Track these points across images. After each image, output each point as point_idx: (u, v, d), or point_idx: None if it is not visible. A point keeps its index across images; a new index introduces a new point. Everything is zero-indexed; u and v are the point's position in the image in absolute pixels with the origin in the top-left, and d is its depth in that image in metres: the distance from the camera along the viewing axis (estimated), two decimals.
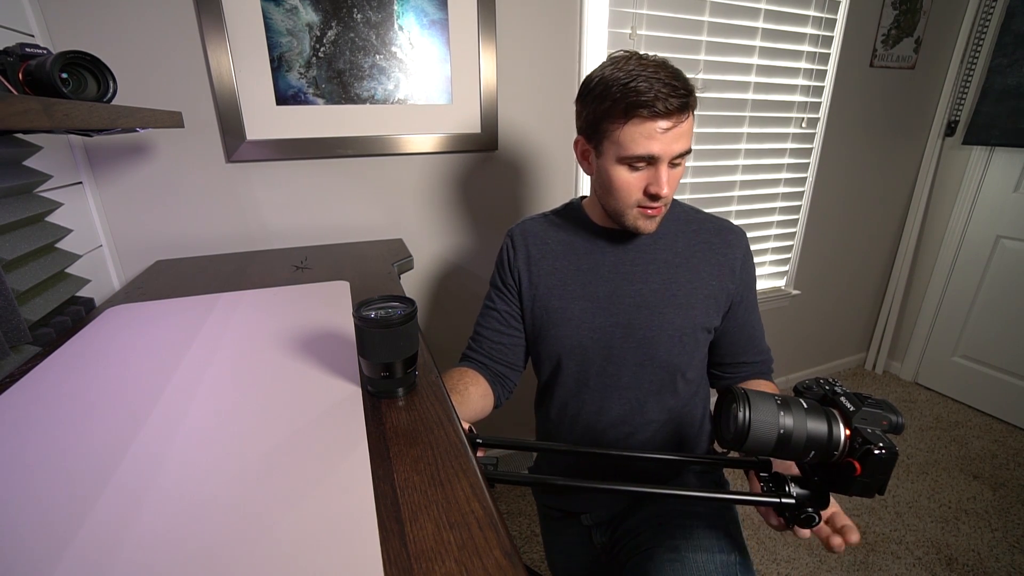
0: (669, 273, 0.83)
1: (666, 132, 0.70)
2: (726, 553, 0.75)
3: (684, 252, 0.84)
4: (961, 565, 1.42)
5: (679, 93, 0.68)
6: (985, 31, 1.92)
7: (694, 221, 0.87)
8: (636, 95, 0.68)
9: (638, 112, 0.69)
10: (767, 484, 0.57)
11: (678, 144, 0.71)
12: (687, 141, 0.72)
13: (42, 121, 0.52)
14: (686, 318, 0.82)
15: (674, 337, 0.82)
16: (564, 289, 0.84)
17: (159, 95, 1.05)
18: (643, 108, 0.68)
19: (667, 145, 0.71)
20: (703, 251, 0.84)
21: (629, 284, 0.83)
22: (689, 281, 0.83)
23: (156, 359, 0.64)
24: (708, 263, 0.84)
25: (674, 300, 0.82)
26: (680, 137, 0.71)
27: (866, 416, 0.50)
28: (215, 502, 0.40)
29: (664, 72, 0.69)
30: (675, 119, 0.70)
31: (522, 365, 0.92)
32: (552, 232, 0.88)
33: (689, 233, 0.85)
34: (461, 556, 0.35)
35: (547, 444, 0.81)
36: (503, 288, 0.89)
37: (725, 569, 0.73)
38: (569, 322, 0.83)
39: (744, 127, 1.69)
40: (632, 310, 0.82)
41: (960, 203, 2.09)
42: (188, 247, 1.17)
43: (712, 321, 0.84)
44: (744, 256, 0.86)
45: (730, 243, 0.85)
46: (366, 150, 1.24)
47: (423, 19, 1.20)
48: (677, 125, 0.70)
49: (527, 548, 1.48)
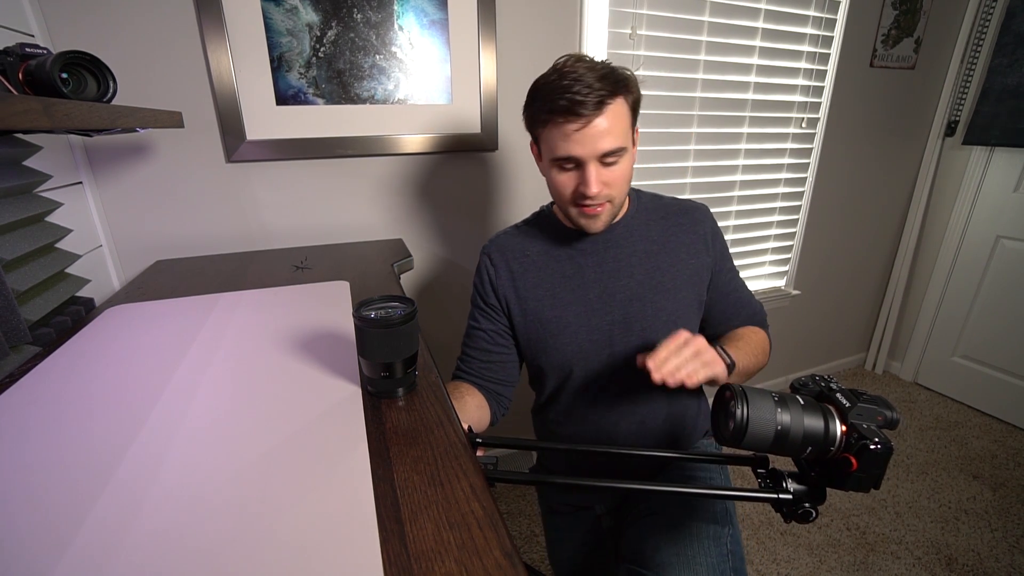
0: (651, 261, 0.84)
1: (580, 132, 0.70)
2: (719, 524, 0.78)
3: (660, 239, 0.86)
4: (961, 565, 1.42)
5: (587, 94, 0.68)
6: (985, 31, 1.92)
7: (660, 207, 0.89)
8: (551, 99, 0.70)
9: (552, 117, 0.71)
10: (764, 480, 0.57)
11: (601, 143, 0.71)
12: (614, 139, 0.71)
13: (42, 121, 0.52)
14: (677, 301, 0.84)
15: (670, 322, 0.83)
16: (555, 298, 0.85)
17: (159, 95, 1.05)
18: (555, 113, 0.70)
19: (586, 145, 0.71)
20: (676, 233, 0.86)
21: (616, 280, 0.84)
22: (672, 265, 0.85)
23: (156, 359, 0.64)
24: (683, 243, 0.86)
25: (662, 287, 0.84)
26: (601, 136, 0.70)
27: (862, 412, 0.51)
28: (215, 502, 0.40)
29: (582, 70, 0.69)
30: (585, 120, 0.69)
31: (515, 381, 0.92)
32: (528, 243, 0.88)
33: (659, 219, 0.87)
34: (461, 556, 0.35)
35: (547, 444, 0.81)
36: (487, 307, 0.88)
37: (716, 538, 0.76)
38: (567, 329, 0.84)
39: (744, 127, 1.69)
40: (625, 304, 0.83)
41: (960, 203, 2.09)
42: (188, 247, 1.17)
43: (701, 297, 0.87)
44: (712, 228, 0.89)
45: (697, 220, 0.88)
46: (366, 150, 1.24)
47: (423, 19, 1.20)
48: (588, 126, 0.69)
49: (527, 548, 1.48)
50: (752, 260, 1.93)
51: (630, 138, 0.75)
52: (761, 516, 1.59)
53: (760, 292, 1.98)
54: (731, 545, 0.76)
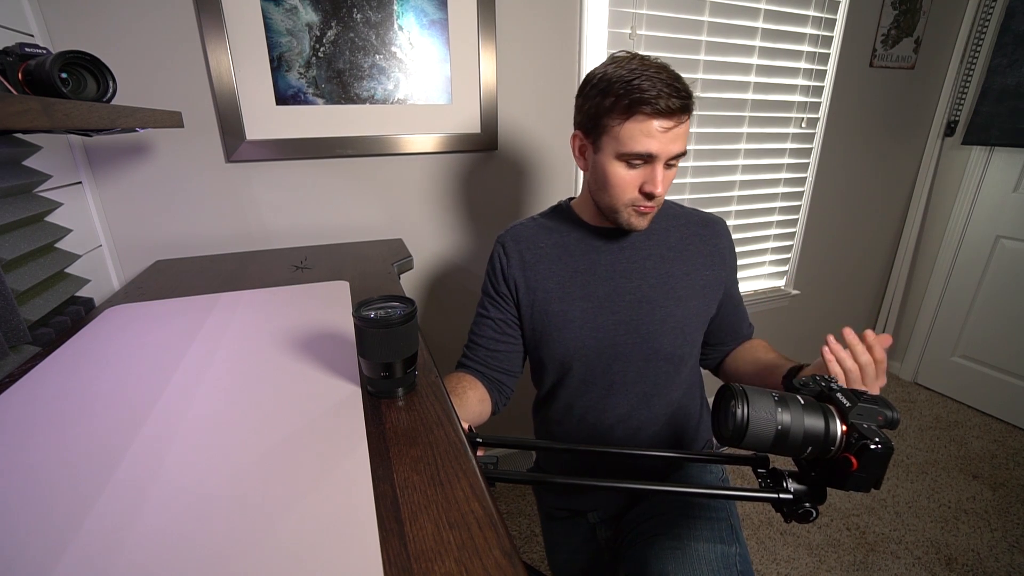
0: (665, 267, 0.84)
1: (666, 132, 0.71)
2: (726, 544, 0.77)
3: (677, 246, 0.86)
4: (961, 565, 1.42)
5: (680, 94, 0.70)
6: (985, 31, 1.92)
7: (680, 215, 0.89)
8: (640, 92, 0.69)
9: (640, 109, 0.69)
10: (765, 480, 0.57)
11: (675, 145, 0.72)
12: (683, 143, 0.74)
13: (42, 121, 0.52)
14: (686, 309, 0.84)
15: (676, 329, 0.83)
16: (563, 292, 0.84)
17: (159, 95, 1.05)
18: (645, 105, 0.69)
19: (665, 145, 0.72)
20: (694, 243, 0.87)
21: (627, 281, 0.83)
22: (685, 273, 0.85)
23: (156, 359, 0.64)
24: (700, 254, 0.86)
25: (673, 293, 0.84)
26: (678, 138, 0.72)
27: (862, 412, 0.51)
28: (215, 502, 0.40)
29: (666, 73, 0.71)
30: (675, 119, 0.71)
31: (519, 371, 0.92)
32: (544, 235, 0.88)
33: (679, 227, 0.88)
34: (461, 556, 0.35)
35: (547, 443, 0.81)
36: (497, 296, 0.89)
37: (725, 559, 0.74)
38: (571, 324, 0.83)
39: (744, 127, 1.69)
40: (633, 306, 0.83)
41: (960, 203, 2.09)
42: (188, 247, 1.17)
43: (710, 310, 0.87)
44: (729, 244, 0.90)
45: (717, 233, 0.89)
46: (366, 150, 1.24)
47: (423, 19, 1.20)
48: (677, 126, 0.71)
49: (527, 548, 1.48)
50: (752, 260, 1.93)
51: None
52: (761, 516, 1.59)
53: (760, 292, 1.98)
54: (741, 565, 0.75)
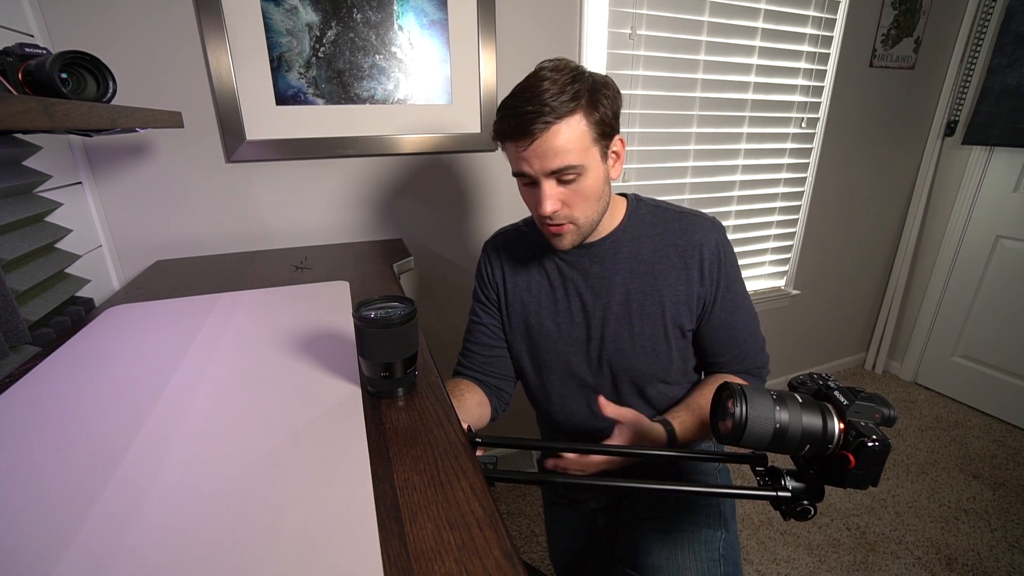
0: (634, 283, 0.80)
1: (528, 151, 0.68)
2: (712, 528, 0.78)
3: (649, 259, 0.80)
4: (961, 565, 1.42)
5: (527, 113, 0.66)
6: (985, 31, 1.92)
7: (659, 221, 0.82)
8: (499, 115, 0.71)
9: (501, 136, 0.72)
10: (763, 478, 0.57)
11: (550, 161, 0.68)
12: (566, 156, 0.68)
13: (42, 121, 0.52)
14: (655, 327, 0.80)
15: (646, 347, 0.81)
16: (539, 305, 0.85)
17: (159, 95, 1.05)
18: (502, 134, 0.71)
19: (535, 164, 0.69)
20: (669, 255, 0.80)
21: (596, 298, 0.82)
22: (656, 289, 0.80)
23: (156, 359, 0.64)
24: (674, 267, 0.80)
25: (641, 311, 0.80)
26: (549, 155, 0.67)
27: (859, 409, 0.51)
28: (215, 502, 0.40)
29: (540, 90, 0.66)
30: (528, 139, 0.67)
31: (515, 376, 0.92)
32: (524, 246, 0.88)
33: (654, 236, 0.81)
34: (461, 556, 0.35)
35: (547, 443, 0.81)
36: (486, 302, 0.90)
37: (707, 542, 0.76)
38: (548, 337, 0.85)
39: (744, 127, 1.69)
40: (602, 324, 0.82)
41: (960, 203, 2.09)
42: (188, 247, 1.17)
43: (683, 326, 0.81)
44: (713, 256, 0.79)
45: (695, 243, 0.79)
46: (366, 150, 1.24)
47: (423, 19, 1.20)
48: (532, 144, 0.67)
49: (527, 548, 1.48)
50: (752, 260, 1.94)
51: (593, 155, 0.70)
52: (761, 516, 1.59)
53: (760, 292, 1.98)
54: (724, 550, 0.76)
